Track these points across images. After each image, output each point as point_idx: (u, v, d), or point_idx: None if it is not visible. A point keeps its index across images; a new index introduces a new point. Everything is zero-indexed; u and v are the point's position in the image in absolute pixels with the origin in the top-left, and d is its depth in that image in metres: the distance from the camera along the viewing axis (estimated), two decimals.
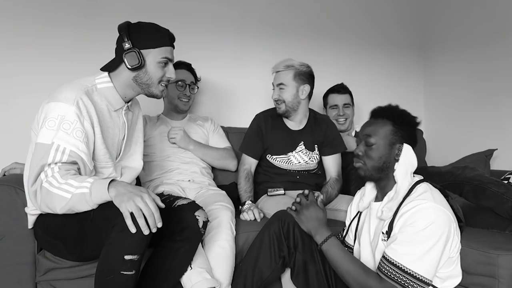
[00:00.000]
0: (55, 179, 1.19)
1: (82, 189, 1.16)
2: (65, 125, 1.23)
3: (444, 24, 2.91)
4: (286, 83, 1.93)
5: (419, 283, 1.12)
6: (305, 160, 1.99)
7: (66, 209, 1.18)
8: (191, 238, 1.34)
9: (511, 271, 1.32)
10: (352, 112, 2.38)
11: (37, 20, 2.07)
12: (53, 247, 1.37)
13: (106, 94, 1.37)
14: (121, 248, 1.11)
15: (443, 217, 1.16)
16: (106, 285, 1.15)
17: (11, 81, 2.03)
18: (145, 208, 1.09)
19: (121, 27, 1.36)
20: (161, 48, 1.38)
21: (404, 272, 1.13)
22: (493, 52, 2.51)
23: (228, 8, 2.50)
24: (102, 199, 1.15)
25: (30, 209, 1.35)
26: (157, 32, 1.38)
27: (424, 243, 1.13)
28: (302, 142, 2.00)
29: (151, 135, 2.00)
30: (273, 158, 1.99)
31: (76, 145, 1.23)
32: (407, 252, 1.13)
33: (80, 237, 1.24)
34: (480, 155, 2.32)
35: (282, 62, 1.96)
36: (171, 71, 1.43)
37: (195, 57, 2.22)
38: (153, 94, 1.43)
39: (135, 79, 1.38)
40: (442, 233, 1.14)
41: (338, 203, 1.88)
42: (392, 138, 1.27)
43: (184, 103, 2.05)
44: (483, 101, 2.59)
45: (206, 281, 1.34)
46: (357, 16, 2.88)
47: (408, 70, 3.06)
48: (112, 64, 1.39)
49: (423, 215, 1.15)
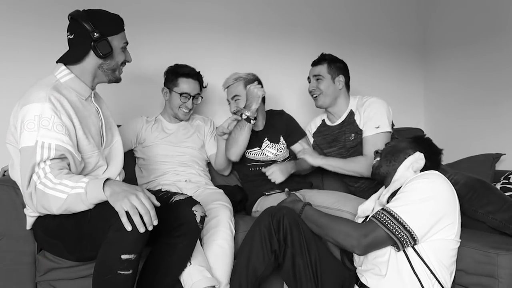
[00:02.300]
0: (48, 180, 1.19)
1: (78, 189, 1.16)
2: (44, 122, 1.22)
3: (445, 24, 2.91)
4: (240, 94, 2.02)
5: (405, 232, 1.17)
6: (273, 152, 2.08)
7: (63, 209, 1.18)
8: (189, 233, 1.34)
9: (510, 270, 1.32)
10: (328, 85, 2.00)
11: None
12: (53, 247, 1.37)
13: (71, 85, 1.37)
14: (118, 247, 1.11)
15: (446, 186, 1.25)
16: (103, 285, 1.15)
17: (12, 81, 2.02)
18: (140, 206, 1.10)
19: (78, 15, 1.33)
20: (121, 33, 1.41)
21: (393, 218, 1.19)
22: (493, 52, 2.51)
23: (228, 8, 2.50)
24: (98, 199, 1.15)
25: (29, 211, 1.35)
26: (115, 18, 1.40)
27: (418, 195, 1.21)
28: (266, 137, 2.10)
29: (148, 138, 2.00)
30: (249, 152, 2.06)
31: (59, 138, 1.23)
32: (401, 203, 1.21)
33: (79, 238, 1.25)
34: (488, 156, 2.28)
35: (230, 77, 2.07)
36: (129, 55, 1.46)
37: (194, 56, 2.22)
38: (117, 78, 1.45)
39: (101, 66, 1.39)
40: (440, 195, 1.22)
41: (341, 203, 1.86)
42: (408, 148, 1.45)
43: (184, 114, 2.04)
44: (483, 101, 2.58)
45: (207, 280, 1.34)
46: (357, 16, 2.88)
47: (408, 70, 3.06)
48: (75, 55, 1.37)
49: (425, 177, 1.25)
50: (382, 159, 1.48)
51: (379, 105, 1.97)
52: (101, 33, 1.33)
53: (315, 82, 2.05)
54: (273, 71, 2.60)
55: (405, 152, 1.42)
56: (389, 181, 1.42)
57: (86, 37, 1.32)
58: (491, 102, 2.52)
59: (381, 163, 1.47)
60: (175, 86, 2.00)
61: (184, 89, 1.99)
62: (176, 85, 2.00)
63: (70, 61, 1.38)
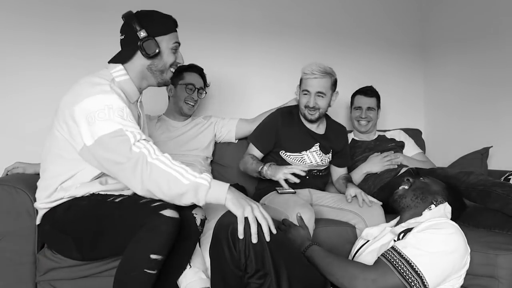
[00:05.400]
0: (166, 158, 1.17)
1: (201, 180, 1.15)
2: (118, 112, 1.20)
3: (444, 24, 2.90)
4: (325, 92, 1.90)
5: (416, 277, 1.08)
6: (317, 160, 2.00)
7: (174, 193, 1.14)
8: (189, 237, 1.33)
9: (510, 271, 1.32)
10: (376, 115, 2.39)
11: (42, 15, 2.08)
12: (59, 243, 1.35)
13: (124, 86, 1.35)
14: (148, 246, 1.12)
15: (462, 239, 1.18)
16: (126, 282, 1.15)
17: (14, 78, 2.03)
18: (260, 215, 1.11)
19: (128, 15, 1.34)
20: (171, 34, 1.39)
21: (404, 260, 1.10)
22: (493, 52, 2.51)
23: (229, 6, 2.50)
24: (215, 198, 1.15)
25: (40, 203, 1.33)
26: (165, 19, 1.39)
27: (437, 248, 1.12)
28: (318, 143, 2.00)
29: (152, 136, 2.00)
30: (287, 155, 1.97)
31: (137, 128, 1.21)
32: (418, 252, 1.12)
33: (95, 235, 1.23)
34: (475, 154, 2.32)
35: (317, 67, 1.88)
36: (181, 56, 1.45)
37: (196, 55, 2.22)
38: (165, 80, 1.44)
39: (149, 67, 1.38)
40: (457, 250, 1.14)
41: (343, 203, 1.85)
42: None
43: (189, 107, 2.06)
44: (483, 101, 2.58)
45: (201, 281, 1.33)
46: (357, 16, 2.87)
47: (408, 71, 3.06)
48: (124, 55, 1.37)
49: (446, 226, 1.17)
50: (410, 191, 1.41)
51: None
52: (148, 33, 1.32)
53: (367, 111, 2.34)
54: (273, 70, 2.61)
55: (435, 197, 1.37)
56: (406, 215, 1.38)
57: (134, 37, 1.32)
58: (491, 101, 2.52)
59: (407, 194, 1.40)
60: (180, 80, 2.05)
61: (190, 80, 2.04)
62: (181, 78, 2.05)
63: (120, 61, 1.37)
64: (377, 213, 1.73)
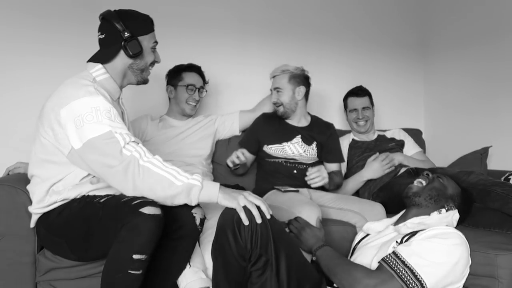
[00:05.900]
0: (158, 160, 1.18)
1: (193, 180, 1.17)
2: (106, 114, 1.20)
3: (444, 24, 2.90)
4: (281, 87, 2.06)
5: (419, 286, 1.09)
6: (299, 152, 2.07)
7: (167, 195, 1.16)
8: (188, 236, 1.33)
9: (510, 270, 1.32)
10: (372, 113, 2.39)
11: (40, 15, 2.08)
12: (55, 246, 1.36)
13: (105, 85, 1.36)
14: (130, 247, 1.11)
15: (465, 250, 1.19)
16: (113, 284, 1.15)
17: (15, 78, 2.03)
18: (255, 199, 1.16)
19: (110, 15, 1.33)
20: (151, 33, 1.41)
21: (408, 269, 1.10)
22: (493, 51, 2.51)
23: (228, 7, 2.50)
24: (208, 198, 1.18)
25: (34, 208, 1.33)
26: (145, 19, 1.40)
27: (440, 258, 1.13)
28: (299, 135, 2.10)
29: (153, 136, 2.00)
30: (269, 147, 2.08)
31: (125, 128, 1.22)
32: (423, 261, 1.11)
33: (86, 236, 1.24)
34: (475, 154, 2.32)
35: (279, 68, 2.11)
36: (158, 55, 1.47)
37: (195, 56, 2.22)
38: (145, 79, 1.46)
39: (131, 66, 1.39)
40: (460, 262, 1.15)
41: (343, 203, 1.86)
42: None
43: (191, 108, 2.07)
44: (483, 100, 2.58)
45: (201, 281, 1.33)
46: (357, 16, 2.87)
47: (408, 70, 3.06)
48: (106, 55, 1.37)
49: (452, 236, 1.18)
50: (426, 190, 1.37)
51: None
52: (132, 33, 1.33)
53: (362, 111, 2.35)
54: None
55: (448, 202, 1.35)
56: (413, 211, 1.36)
57: (117, 37, 1.32)
58: (491, 100, 2.52)
59: (422, 193, 1.36)
60: (180, 81, 2.05)
61: (189, 81, 2.05)
62: (181, 79, 2.05)
63: (101, 61, 1.37)
64: (378, 212, 1.74)
